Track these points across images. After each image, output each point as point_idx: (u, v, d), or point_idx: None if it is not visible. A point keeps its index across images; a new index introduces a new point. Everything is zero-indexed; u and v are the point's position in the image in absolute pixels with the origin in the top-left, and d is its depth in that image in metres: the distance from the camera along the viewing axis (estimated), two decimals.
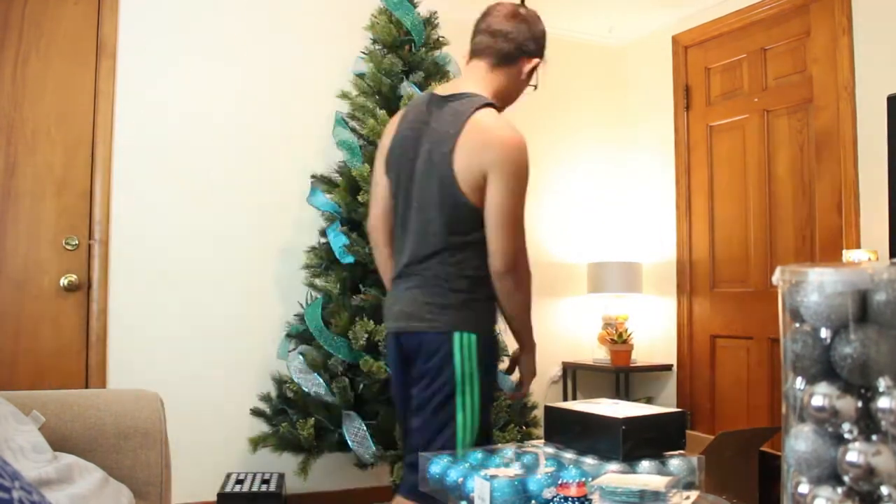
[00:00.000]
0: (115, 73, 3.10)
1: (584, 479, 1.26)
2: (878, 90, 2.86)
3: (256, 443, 2.84)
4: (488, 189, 1.80)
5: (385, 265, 2.00)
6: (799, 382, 0.82)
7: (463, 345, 1.79)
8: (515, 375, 2.09)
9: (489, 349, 1.88)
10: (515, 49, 1.89)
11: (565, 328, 4.01)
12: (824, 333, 0.80)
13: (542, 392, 3.87)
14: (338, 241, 2.84)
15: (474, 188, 1.78)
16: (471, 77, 1.91)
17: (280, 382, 2.88)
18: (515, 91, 2.00)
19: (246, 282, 3.26)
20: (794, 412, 0.82)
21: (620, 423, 1.42)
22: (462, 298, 1.82)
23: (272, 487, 2.73)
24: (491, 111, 1.83)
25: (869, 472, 0.75)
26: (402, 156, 1.86)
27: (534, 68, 1.97)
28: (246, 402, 3.02)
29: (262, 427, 2.92)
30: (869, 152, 2.93)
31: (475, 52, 1.91)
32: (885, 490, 0.74)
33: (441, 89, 1.92)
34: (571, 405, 1.63)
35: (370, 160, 2.86)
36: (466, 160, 1.77)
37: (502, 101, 1.95)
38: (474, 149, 1.77)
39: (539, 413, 2.94)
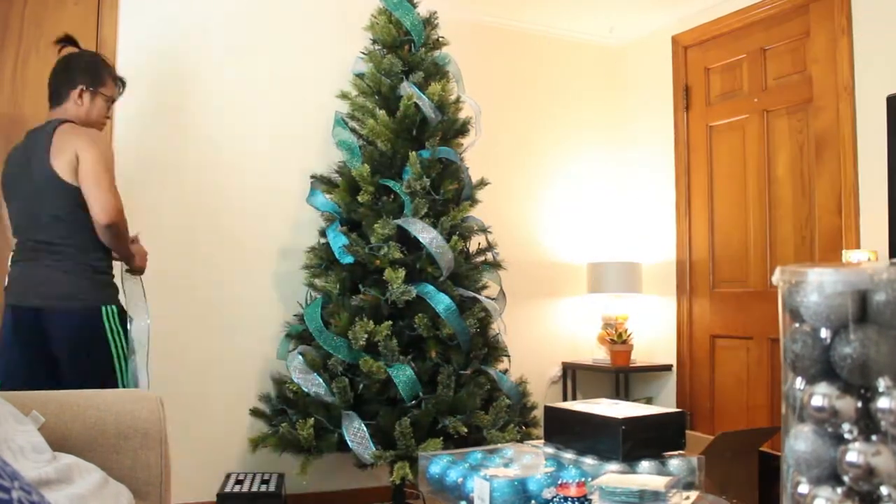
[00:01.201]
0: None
1: (584, 479, 1.26)
2: (878, 90, 2.86)
3: (256, 443, 2.84)
4: None
5: None
6: (799, 382, 0.83)
7: None
8: None
9: None
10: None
11: (565, 328, 4.02)
12: (824, 333, 0.80)
13: (542, 392, 3.87)
14: (337, 241, 2.84)
15: None
16: None
17: (280, 382, 2.88)
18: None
19: (246, 282, 3.26)
20: (794, 412, 0.83)
21: (620, 423, 1.42)
22: None
23: (272, 487, 2.73)
24: None
25: (869, 472, 0.75)
26: None
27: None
28: (246, 402, 3.02)
29: (261, 427, 2.92)
30: (869, 152, 2.93)
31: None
32: (885, 490, 0.74)
33: None
34: (571, 405, 1.63)
35: (370, 160, 2.87)
36: None
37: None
38: None
39: (539, 413, 2.95)
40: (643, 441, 1.44)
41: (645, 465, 1.43)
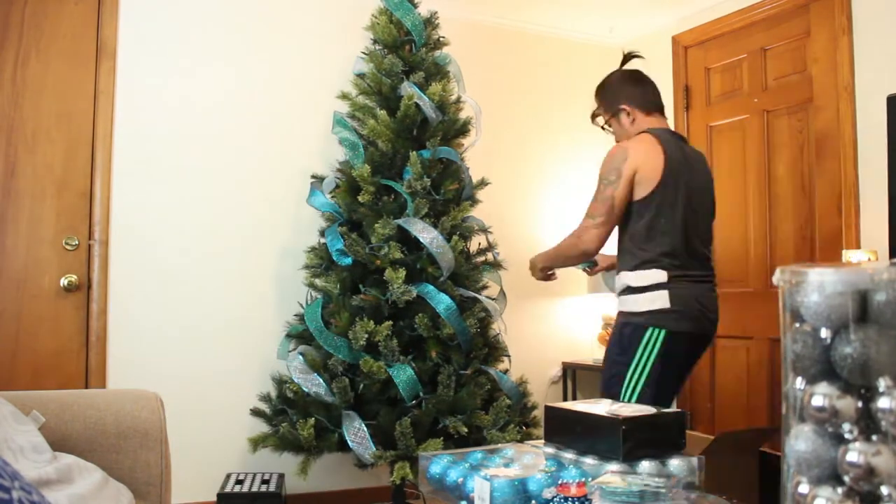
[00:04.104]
0: (115, 73, 3.10)
1: (584, 479, 1.26)
2: (878, 90, 2.86)
3: (256, 443, 2.84)
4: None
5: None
6: (799, 382, 0.83)
7: None
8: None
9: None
10: None
11: (565, 328, 4.02)
12: (824, 333, 0.80)
13: (542, 392, 3.87)
14: (334, 244, 2.84)
15: None
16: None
17: (280, 383, 2.88)
18: None
19: (246, 282, 3.26)
20: (794, 412, 0.82)
21: (620, 423, 1.42)
22: None
23: (272, 487, 2.73)
24: None
25: (869, 472, 0.75)
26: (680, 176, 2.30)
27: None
28: (246, 403, 3.02)
29: (262, 427, 2.92)
30: (869, 152, 2.93)
31: (660, 108, 2.53)
32: (885, 490, 0.74)
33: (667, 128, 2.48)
34: (571, 405, 1.63)
35: (370, 160, 2.87)
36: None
37: None
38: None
39: (539, 413, 2.94)
40: (643, 441, 1.44)
41: (645, 465, 1.43)
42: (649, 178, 2.27)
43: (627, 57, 2.70)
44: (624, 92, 2.55)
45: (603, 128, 2.61)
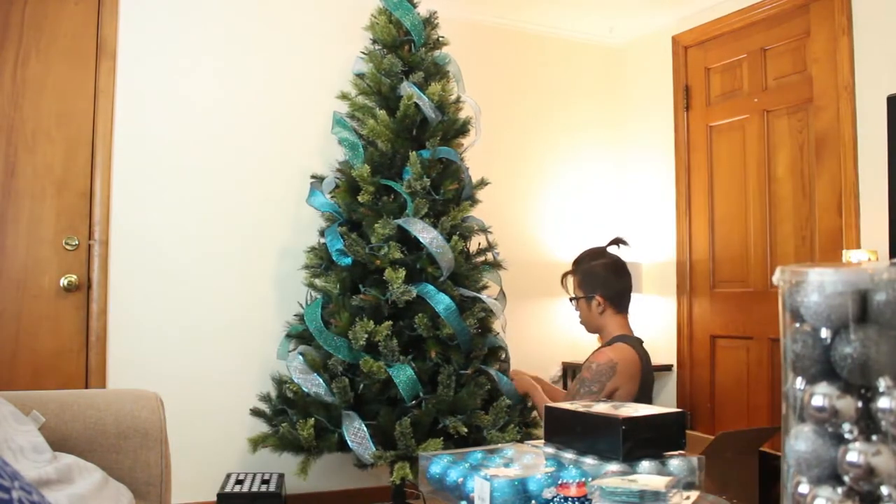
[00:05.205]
0: (115, 73, 3.10)
1: (584, 479, 1.26)
2: (878, 90, 2.86)
3: (256, 443, 2.83)
4: None
5: None
6: (799, 382, 0.82)
7: None
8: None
9: None
10: None
11: (565, 328, 4.01)
12: (824, 333, 0.80)
13: None
14: (334, 244, 2.84)
15: None
16: None
17: (280, 383, 2.88)
18: None
19: (246, 282, 3.26)
20: (794, 412, 0.82)
21: (620, 423, 1.42)
22: None
23: (272, 487, 2.73)
24: None
25: (869, 472, 0.75)
26: None
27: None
28: (246, 403, 3.02)
29: (261, 427, 2.92)
30: (869, 152, 2.93)
31: (628, 307, 2.82)
32: (885, 490, 0.74)
33: None
34: (571, 405, 1.63)
35: (370, 160, 2.87)
36: None
37: None
38: None
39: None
40: (643, 441, 1.44)
41: (645, 465, 1.43)
42: (624, 399, 2.56)
43: (616, 241, 2.89)
44: (605, 282, 2.75)
45: (571, 299, 2.84)
